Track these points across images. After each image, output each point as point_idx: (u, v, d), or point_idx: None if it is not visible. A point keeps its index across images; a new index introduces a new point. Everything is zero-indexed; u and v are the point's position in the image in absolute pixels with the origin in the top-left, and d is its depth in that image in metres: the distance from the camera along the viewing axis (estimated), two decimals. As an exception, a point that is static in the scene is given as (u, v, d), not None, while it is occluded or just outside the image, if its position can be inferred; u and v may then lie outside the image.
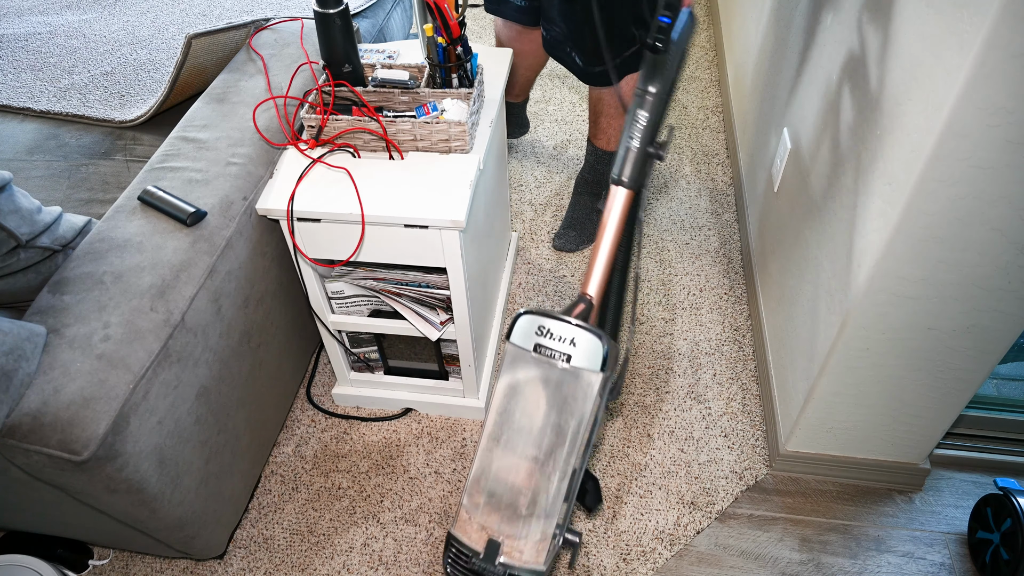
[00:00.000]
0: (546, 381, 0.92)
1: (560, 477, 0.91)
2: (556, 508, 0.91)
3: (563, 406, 0.92)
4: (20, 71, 1.65)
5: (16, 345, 0.89)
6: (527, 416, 0.93)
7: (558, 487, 0.91)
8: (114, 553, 1.35)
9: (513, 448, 0.93)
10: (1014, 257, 0.96)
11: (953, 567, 1.30)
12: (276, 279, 1.30)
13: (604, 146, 1.75)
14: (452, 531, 0.95)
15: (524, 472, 0.92)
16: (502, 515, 0.93)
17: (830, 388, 1.23)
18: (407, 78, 1.22)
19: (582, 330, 0.90)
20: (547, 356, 0.91)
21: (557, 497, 0.91)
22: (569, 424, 0.91)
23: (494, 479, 0.94)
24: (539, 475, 0.92)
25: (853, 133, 1.11)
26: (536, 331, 0.92)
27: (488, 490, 0.94)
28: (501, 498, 0.93)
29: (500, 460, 0.94)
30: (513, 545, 0.92)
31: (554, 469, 0.91)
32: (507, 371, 0.94)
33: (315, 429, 1.52)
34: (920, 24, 0.91)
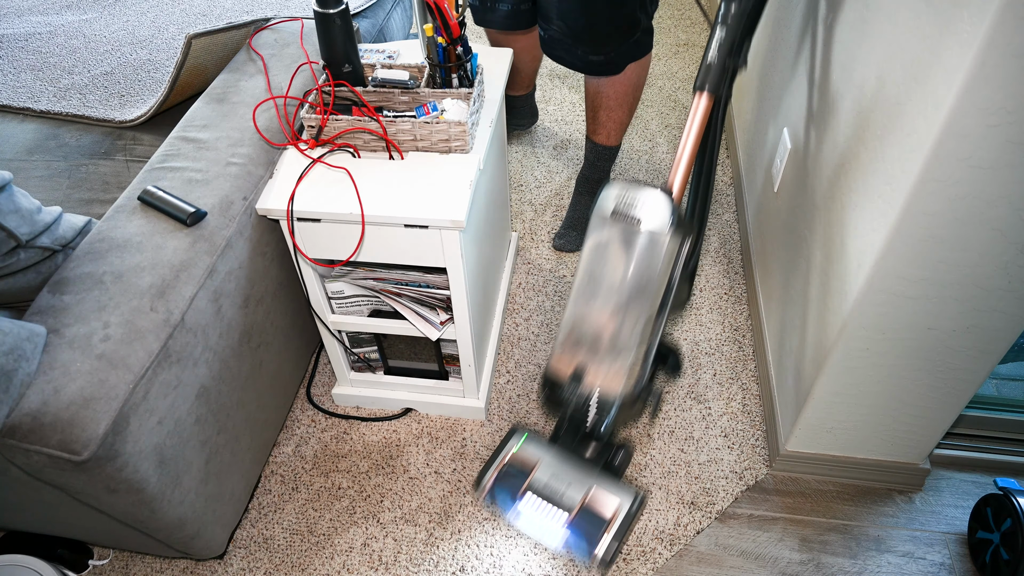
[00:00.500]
0: (623, 242, 1.09)
1: (634, 322, 1.09)
2: (632, 346, 1.10)
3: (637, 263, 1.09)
4: (20, 71, 1.65)
5: (16, 345, 0.89)
6: (608, 272, 1.10)
7: (633, 329, 1.10)
8: (114, 553, 1.35)
9: (597, 299, 1.11)
10: (1014, 257, 0.96)
11: (953, 567, 1.30)
12: (276, 279, 1.30)
13: (604, 141, 1.75)
14: (546, 372, 1.16)
15: (606, 318, 1.11)
16: (587, 353, 1.12)
17: (830, 388, 1.23)
18: (407, 78, 1.22)
19: (654, 197, 1.06)
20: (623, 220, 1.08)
21: (632, 338, 1.09)
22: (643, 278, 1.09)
23: (581, 326, 1.13)
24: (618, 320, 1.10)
25: (853, 133, 1.11)
26: (615, 198, 1.09)
27: (576, 335, 1.13)
28: (586, 340, 1.12)
29: (586, 310, 1.12)
30: (596, 375, 1.11)
31: (630, 315, 1.09)
32: (592, 234, 1.12)
33: (315, 429, 1.52)
34: (920, 24, 0.91)
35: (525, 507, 1.17)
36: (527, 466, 1.20)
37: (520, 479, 1.19)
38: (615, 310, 1.10)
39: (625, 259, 1.09)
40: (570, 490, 1.16)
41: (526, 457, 1.20)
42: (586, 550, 1.13)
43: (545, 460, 1.19)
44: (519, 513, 1.18)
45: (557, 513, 1.16)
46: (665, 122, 2.22)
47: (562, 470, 1.18)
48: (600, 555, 1.11)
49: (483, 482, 1.20)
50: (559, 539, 1.15)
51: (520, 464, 1.20)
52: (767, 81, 1.70)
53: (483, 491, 1.20)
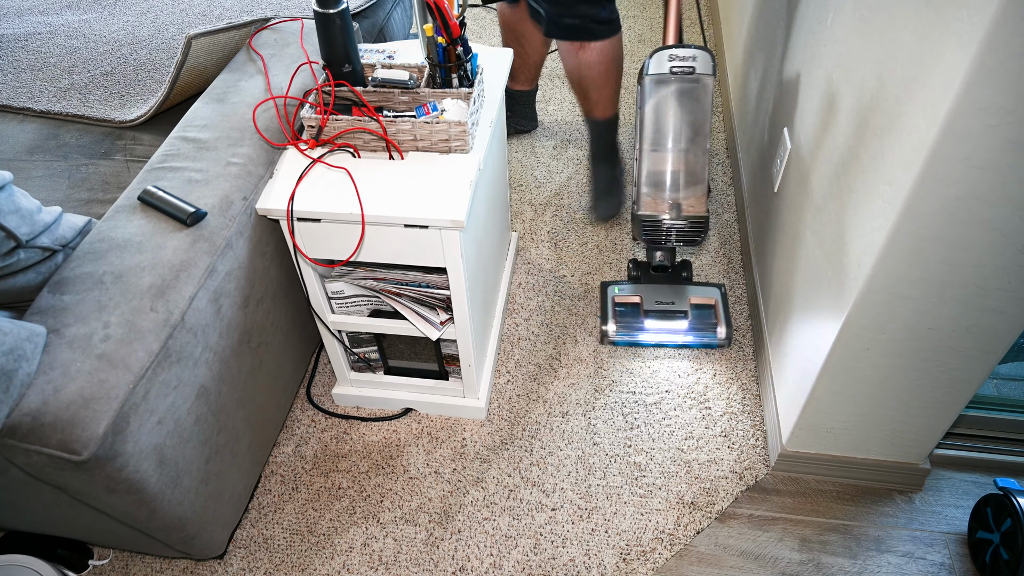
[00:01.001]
0: (679, 92, 1.41)
1: (702, 153, 1.44)
2: (704, 175, 1.45)
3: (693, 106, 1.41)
4: (20, 71, 1.65)
5: (16, 345, 0.89)
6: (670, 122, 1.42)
7: (703, 160, 1.44)
8: (114, 553, 1.35)
9: (667, 146, 1.44)
10: (1014, 257, 0.96)
11: (953, 567, 1.30)
12: (276, 279, 1.30)
13: (602, 115, 1.84)
14: (640, 213, 1.48)
15: (678, 159, 1.45)
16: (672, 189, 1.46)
17: (830, 388, 1.23)
18: (407, 78, 1.22)
19: (698, 49, 1.39)
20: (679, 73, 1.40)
21: (704, 167, 1.44)
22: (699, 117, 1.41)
23: (659, 171, 1.46)
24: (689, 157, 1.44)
25: (853, 133, 1.11)
26: (668, 59, 1.40)
27: (656, 180, 1.46)
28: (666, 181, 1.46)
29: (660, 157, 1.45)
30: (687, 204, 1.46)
31: (697, 150, 1.43)
32: (650, 96, 1.42)
33: (315, 429, 1.52)
34: (920, 24, 0.91)
35: (651, 327, 1.56)
36: (634, 302, 1.59)
37: (635, 314, 1.57)
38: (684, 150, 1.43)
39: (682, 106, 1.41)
40: (676, 302, 1.58)
41: (629, 297, 1.60)
42: (710, 338, 1.57)
43: (643, 293, 1.60)
44: (649, 332, 1.57)
45: (676, 322, 1.56)
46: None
47: (660, 293, 1.59)
48: (723, 336, 1.56)
49: (608, 332, 1.58)
50: (688, 339, 1.58)
51: (627, 303, 1.59)
52: (768, 81, 1.70)
53: (611, 338, 1.58)
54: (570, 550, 1.32)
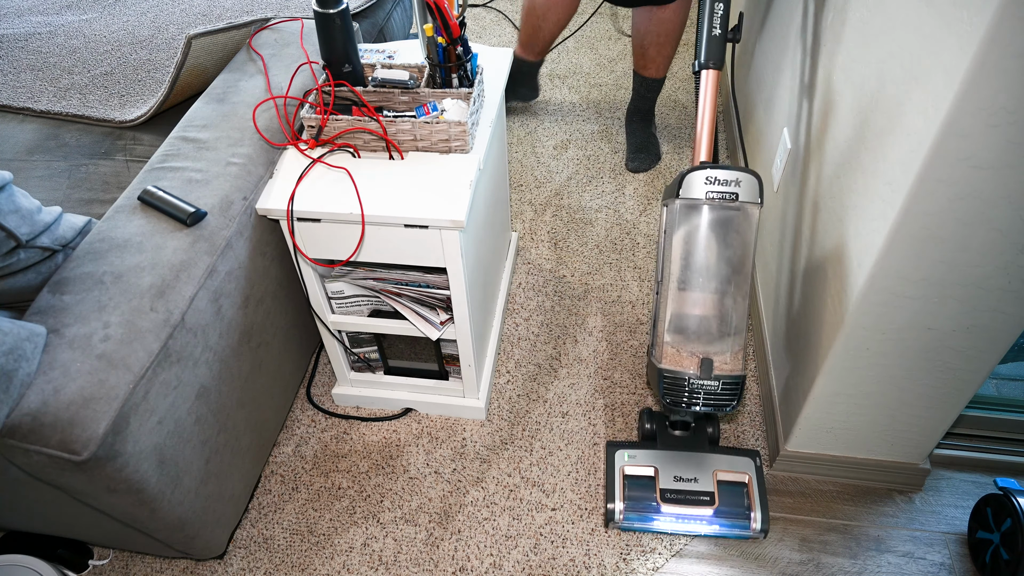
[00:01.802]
0: (717, 223, 1.13)
1: (741, 298, 1.14)
2: (743, 324, 1.15)
3: (733, 240, 1.14)
4: (20, 71, 1.65)
5: (16, 345, 0.89)
6: (704, 257, 1.14)
7: (742, 306, 1.14)
8: (114, 553, 1.35)
9: (698, 286, 1.14)
10: (1014, 257, 0.96)
11: (953, 567, 1.30)
12: (276, 279, 1.30)
13: (654, 75, 1.95)
14: (662, 367, 1.16)
15: (711, 303, 1.14)
16: (702, 340, 1.14)
17: (830, 388, 1.23)
18: (407, 78, 1.22)
19: (742, 172, 1.12)
20: (719, 198, 1.12)
21: (743, 315, 1.14)
22: (739, 252, 1.14)
23: (687, 316, 1.15)
24: (725, 301, 1.14)
25: (853, 133, 1.11)
26: (705, 181, 1.13)
27: (683, 327, 1.15)
28: (698, 328, 1.15)
29: (689, 299, 1.15)
30: (719, 360, 1.14)
31: (736, 293, 1.14)
32: (681, 224, 1.15)
33: (315, 429, 1.52)
34: (920, 24, 0.91)
35: (668, 514, 1.24)
36: (647, 477, 1.26)
37: (649, 492, 1.25)
38: (718, 292, 1.14)
39: (722, 240, 1.14)
40: (699, 480, 1.24)
41: (640, 470, 1.27)
42: (744, 527, 1.24)
43: (660, 464, 1.26)
44: (664, 521, 1.25)
45: (700, 508, 1.24)
46: (665, 122, 2.22)
47: (680, 465, 1.26)
48: (757, 528, 1.23)
49: (615, 514, 1.25)
50: (712, 528, 1.26)
51: (638, 478, 1.26)
52: (768, 81, 1.70)
53: (618, 522, 1.26)
54: (570, 550, 1.32)
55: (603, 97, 2.33)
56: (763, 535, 1.25)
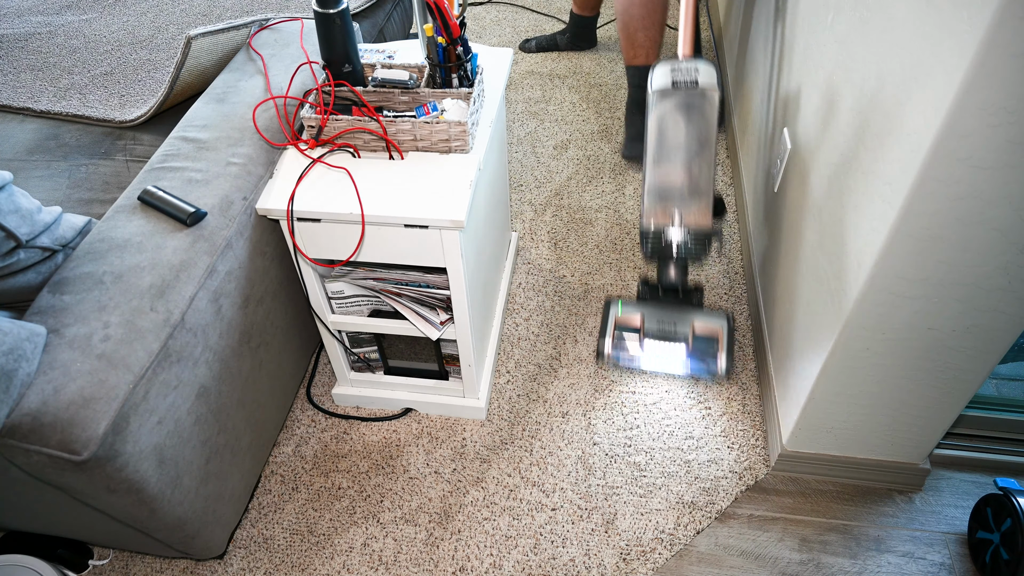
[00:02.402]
0: (683, 106, 1.35)
1: (707, 167, 1.36)
2: (710, 187, 1.36)
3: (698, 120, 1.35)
4: (20, 71, 1.65)
5: (16, 345, 0.89)
6: (674, 136, 1.36)
7: (707, 173, 1.36)
8: (114, 553, 1.35)
9: (670, 160, 1.37)
10: (1014, 257, 0.96)
11: (953, 567, 1.30)
12: (276, 279, 1.30)
13: (644, 62, 1.98)
14: (641, 226, 1.41)
15: (681, 173, 1.37)
16: (675, 202, 1.37)
17: (830, 388, 1.23)
18: (407, 78, 1.22)
19: (701, 61, 1.35)
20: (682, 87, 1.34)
21: (708, 180, 1.36)
22: (703, 131, 1.35)
23: (662, 184, 1.38)
24: (692, 169, 1.36)
25: (853, 133, 1.11)
26: (670, 71, 1.35)
27: (660, 193, 1.39)
28: (670, 193, 1.38)
29: (664, 170, 1.38)
30: (688, 216, 1.38)
31: (702, 163, 1.36)
32: (653, 109, 1.37)
33: (315, 429, 1.52)
34: (920, 24, 0.91)
35: (649, 351, 1.43)
36: (634, 324, 1.46)
37: (634, 334, 1.45)
38: (687, 163, 1.36)
39: (687, 119, 1.36)
40: (678, 327, 1.44)
41: (630, 317, 1.47)
42: (709, 369, 1.41)
43: (648, 313, 1.46)
44: (646, 358, 1.44)
45: (676, 347, 1.42)
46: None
47: (665, 316, 1.46)
48: (723, 369, 1.39)
49: (604, 351, 1.45)
50: (685, 366, 1.43)
51: (627, 323, 1.46)
52: (768, 81, 1.70)
53: (606, 358, 1.46)
54: (570, 550, 1.32)
55: (603, 97, 2.33)
56: (726, 377, 1.52)
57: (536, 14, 2.75)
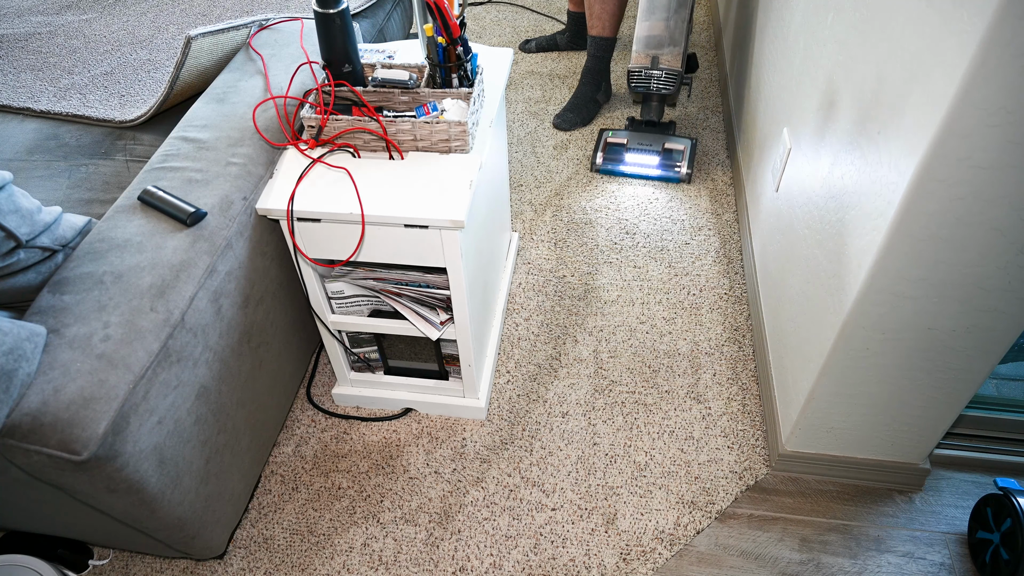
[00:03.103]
0: None
1: (681, 22, 1.82)
2: (683, 39, 1.84)
3: None
4: (20, 71, 1.65)
5: (16, 345, 0.89)
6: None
7: (681, 27, 1.82)
8: (114, 553, 1.35)
9: (655, 15, 1.83)
10: (1014, 257, 0.96)
11: (953, 567, 1.30)
12: (276, 279, 1.30)
13: (600, 32, 2.11)
14: (630, 67, 1.90)
15: (663, 26, 1.83)
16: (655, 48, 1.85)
17: (830, 388, 1.23)
18: (407, 78, 1.22)
19: None
20: None
21: (682, 33, 1.83)
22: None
23: (647, 33, 1.84)
24: (671, 24, 1.82)
25: (853, 133, 1.11)
26: None
27: (645, 40, 1.85)
28: (652, 41, 1.85)
29: (650, 23, 1.83)
30: (663, 59, 1.87)
31: (678, 19, 1.82)
32: None
33: (315, 429, 1.52)
34: (920, 23, 0.91)
35: (630, 160, 2.00)
36: (620, 142, 2.02)
37: (620, 150, 2.01)
38: (667, 19, 1.81)
39: None
40: (652, 144, 2.01)
41: (618, 139, 2.03)
42: (674, 173, 1.98)
43: (631, 136, 2.03)
44: (627, 164, 2.00)
45: (650, 157, 1.99)
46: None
47: (644, 137, 2.02)
48: (684, 171, 1.98)
49: (596, 161, 2.02)
50: (657, 171, 1.99)
51: (615, 143, 2.03)
52: (768, 81, 1.70)
53: (597, 166, 2.02)
54: (570, 550, 1.32)
55: (603, 97, 2.33)
56: (688, 179, 1.99)
57: (536, 14, 2.75)
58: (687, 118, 2.24)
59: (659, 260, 1.82)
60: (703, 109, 2.26)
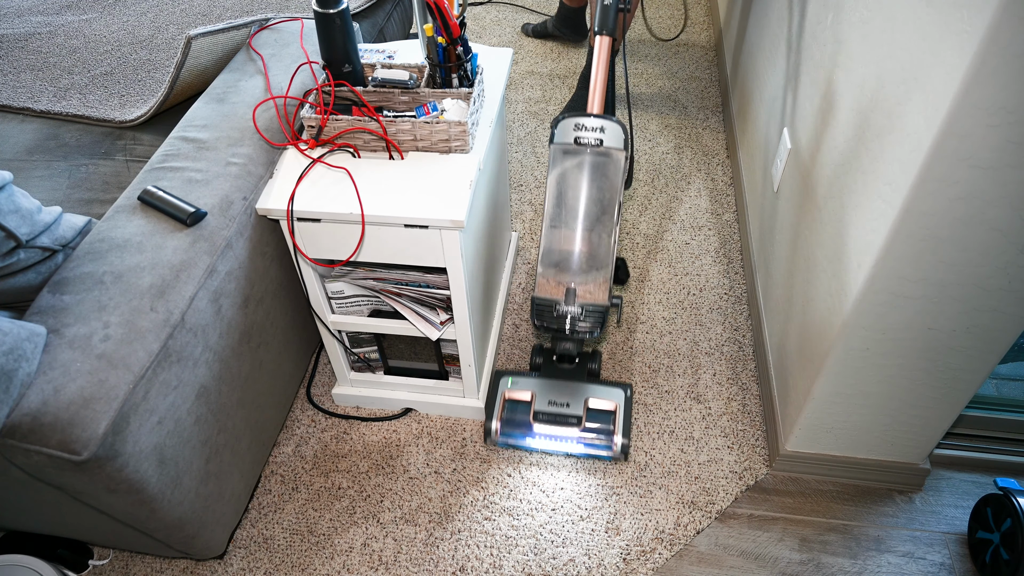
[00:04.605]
0: (584, 165, 1.26)
1: (607, 235, 1.27)
2: (609, 259, 1.27)
3: (601, 182, 1.26)
4: (20, 71, 1.65)
5: (16, 345, 0.89)
6: (574, 197, 1.27)
7: (607, 243, 1.27)
8: (114, 553, 1.35)
9: (568, 224, 1.27)
10: (1014, 257, 0.96)
11: (953, 567, 1.30)
12: (276, 279, 1.30)
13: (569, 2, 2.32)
14: (535, 296, 1.30)
15: (580, 239, 1.27)
16: (570, 274, 1.28)
17: (830, 388, 1.23)
18: (407, 78, 1.22)
19: (607, 120, 1.25)
20: (585, 143, 1.25)
21: (608, 251, 1.27)
22: (607, 195, 1.26)
23: (558, 251, 1.28)
24: (592, 238, 1.27)
25: (853, 133, 1.12)
26: (573, 128, 1.25)
27: (554, 261, 1.28)
28: (567, 262, 1.28)
29: (560, 235, 1.28)
30: (583, 291, 1.28)
31: (602, 231, 1.27)
32: (554, 167, 1.28)
33: (315, 429, 1.52)
34: (920, 24, 0.91)
35: (539, 433, 1.36)
36: (524, 401, 1.39)
37: (524, 414, 1.38)
38: (586, 230, 1.27)
39: (589, 181, 1.27)
40: (571, 405, 1.37)
41: (519, 394, 1.40)
42: (603, 450, 1.36)
43: (537, 390, 1.40)
44: (536, 439, 1.38)
45: (568, 429, 1.36)
46: (665, 122, 2.22)
47: (556, 392, 1.39)
48: (617, 450, 1.35)
49: (491, 431, 1.39)
50: (579, 448, 1.37)
51: (517, 402, 1.39)
52: (768, 81, 1.70)
53: (494, 439, 1.39)
54: (570, 550, 1.32)
55: (603, 97, 2.33)
56: (624, 456, 1.36)
57: (536, 14, 2.75)
58: (687, 118, 2.24)
59: (659, 260, 1.82)
60: (703, 109, 2.26)
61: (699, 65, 2.45)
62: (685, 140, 2.16)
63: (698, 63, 2.46)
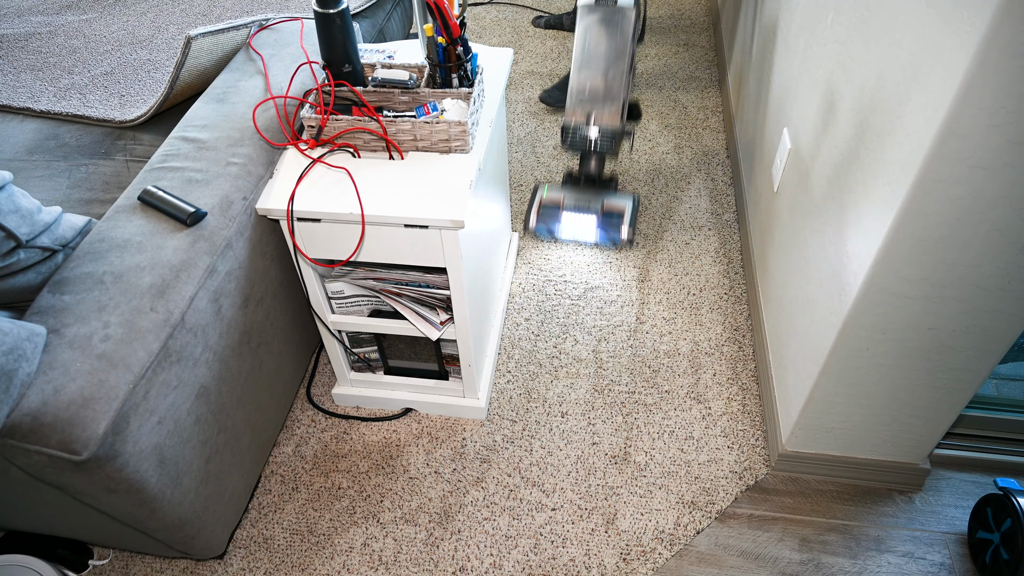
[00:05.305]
0: (604, 21, 1.63)
1: (622, 74, 1.63)
2: (622, 93, 1.64)
3: (615, 32, 1.62)
4: (20, 71, 1.65)
5: (16, 345, 0.89)
6: (595, 44, 1.64)
7: (620, 80, 1.64)
8: (114, 553, 1.35)
9: (591, 66, 1.65)
10: (1014, 257, 0.96)
11: (953, 567, 1.30)
12: (276, 279, 1.30)
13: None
14: (565, 123, 1.68)
15: (600, 78, 1.65)
16: (591, 104, 1.65)
17: (830, 388, 1.23)
18: (407, 78, 1.22)
19: None
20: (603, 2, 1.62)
21: (621, 87, 1.64)
22: (620, 43, 1.62)
23: (583, 87, 1.65)
24: (609, 76, 1.64)
25: (853, 133, 1.12)
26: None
27: (580, 95, 1.66)
28: (588, 96, 1.66)
29: (585, 75, 1.65)
30: (600, 116, 1.66)
31: (617, 71, 1.64)
32: (580, 21, 1.65)
33: (315, 429, 1.52)
34: (920, 24, 0.91)
35: (566, 222, 1.78)
36: (556, 201, 1.79)
37: (555, 209, 1.79)
38: (604, 70, 1.63)
39: (607, 32, 1.62)
40: (591, 204, 1.78)
41: (553, 196, 1.80)
42: (615, 237, 1.77)
43: (567, 194, 1.80)
44: (563, 227, 1.79)
45: (588, 219, 1.77)
46: (665, 122, 2.22)
47: (582, 196, 1.79)
48: (625, 237, 1.77)
49: (529, 222, 1.80)
50: (594, 234, 1.79)
51: (551, 202, 1.80)
52: (768, 81, 1.70)
53: (531, 227, 1.80)
54: (570, 550, 1.32)
55: (603, 97, 2.33)
56: (629, 244, 1.80)
57: (536, 14, 2.75)
58: (687, 118, 2.24)
59: (659, 260, 1.82)
60: (703, 109, 2.26)
61: (699, 65, 2.45)
62: (685, 140, 2.16)
63: (698, 63, 2.46)
